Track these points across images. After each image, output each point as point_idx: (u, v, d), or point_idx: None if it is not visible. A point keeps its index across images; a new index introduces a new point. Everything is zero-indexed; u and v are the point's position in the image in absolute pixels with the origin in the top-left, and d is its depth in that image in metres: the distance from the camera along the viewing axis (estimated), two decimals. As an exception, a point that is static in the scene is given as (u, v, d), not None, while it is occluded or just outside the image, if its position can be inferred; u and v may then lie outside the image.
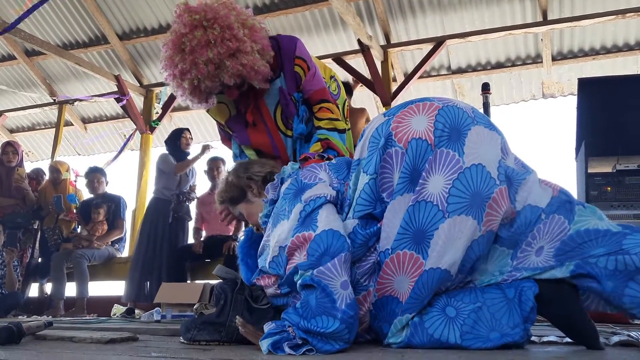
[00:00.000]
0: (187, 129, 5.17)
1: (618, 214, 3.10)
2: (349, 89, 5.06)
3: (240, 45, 1.97)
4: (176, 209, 4.79)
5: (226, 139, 2.44)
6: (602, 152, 3.29)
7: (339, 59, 6.01)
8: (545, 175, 1.55)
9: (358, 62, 6.05)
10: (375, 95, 6.02)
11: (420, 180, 1.41)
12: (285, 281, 1.50)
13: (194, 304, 3.26)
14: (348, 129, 2.30)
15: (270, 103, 2.22)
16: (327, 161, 1.78)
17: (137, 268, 4.60)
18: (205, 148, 4.89)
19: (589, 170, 3.25)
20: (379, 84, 5.78)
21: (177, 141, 4.97)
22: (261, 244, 1.64)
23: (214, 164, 4.96)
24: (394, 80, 6.29)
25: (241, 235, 2.42)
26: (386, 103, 5.81)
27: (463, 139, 1.43)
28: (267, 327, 1.39)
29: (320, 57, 6.22)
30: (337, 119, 2.18)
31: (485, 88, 3.57)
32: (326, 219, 1.45)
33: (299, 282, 1.39)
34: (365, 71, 5.94)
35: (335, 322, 1.30)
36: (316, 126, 2.18)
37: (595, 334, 1.34)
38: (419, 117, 1.47)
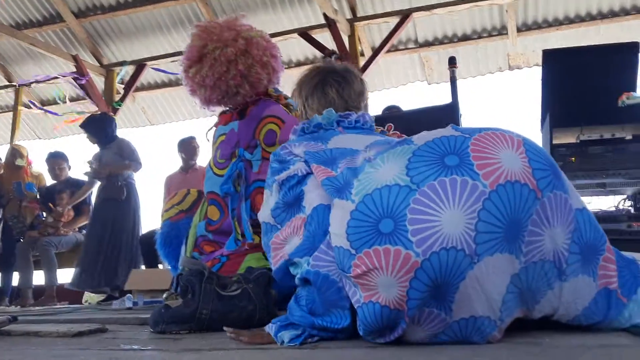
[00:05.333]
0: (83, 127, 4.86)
1: (582, 183, 3.16)
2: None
3: (244, 70, 2.08)
4: (105, 191, 4.65)
5: None
6: (566, 123, 3.32)
7: (305, 33, 5.92)
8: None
9: (325, 37, 5.97)
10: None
11: (529, 238, 1.07)
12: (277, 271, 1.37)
13: (166, 289, 3.23)
14: None
15: (218, 131, 2.23)
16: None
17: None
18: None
19: (554, 142, 3.29)
20: (347, 59, 5.72)
21: None
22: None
23: (190, 143, 4.87)
24: (362, 54, 6.24)
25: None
26: (354, 78, 5.77)
27: (561, 174, 1.15)
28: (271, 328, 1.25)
29: (286, 32, 6.12)
30: None
31: (452, 62, 3.54)
32: (309, 195, 1.31)
33: (298, 276, 1.24)
34: (332, 46, 5.87)
35: (345, 314, 1.16)
36: None
37: None
38: (508, 151, 1.11)
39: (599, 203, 3.32)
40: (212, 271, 1.57)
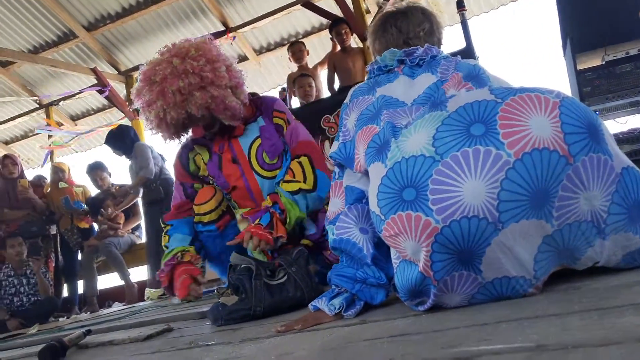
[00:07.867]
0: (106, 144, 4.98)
1: (614, 105, 3.09)
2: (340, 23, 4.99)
3: (214, 78, 1.99)
4: (146, 196, 4.82)
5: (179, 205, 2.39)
6: (588, 46, 3.22)
7: (308, 3, 5.85)
8: (537, 77, 1.25)
9: (328, 3, 5.90)
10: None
11: (560, 203, 1.05)
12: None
13: (216, 279, 3.36)
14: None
15: (244, 142, 2.26)
16: None
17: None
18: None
19: (578, 67, 3.21)
20: (353, 20, 5.62)
21: None
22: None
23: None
24: (368, 12, 6.12)
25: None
26: (364, 38, 5.69)
27: (602, 136, 1.08)
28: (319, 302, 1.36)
29: (290, 5, 6.06)
30: (297, 181, 2.14)
31: (460, 5, 3.49)
32: (345, 177, 1.43)
33: (329, 246, 1.38)
34: (336, 11, 5.78)
35: (373, 270, 1.27)
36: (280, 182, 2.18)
37: None
38: (539, 117, 1.07)
39: (634, 122, 3.24)
40: (259, 265, 1.65)
